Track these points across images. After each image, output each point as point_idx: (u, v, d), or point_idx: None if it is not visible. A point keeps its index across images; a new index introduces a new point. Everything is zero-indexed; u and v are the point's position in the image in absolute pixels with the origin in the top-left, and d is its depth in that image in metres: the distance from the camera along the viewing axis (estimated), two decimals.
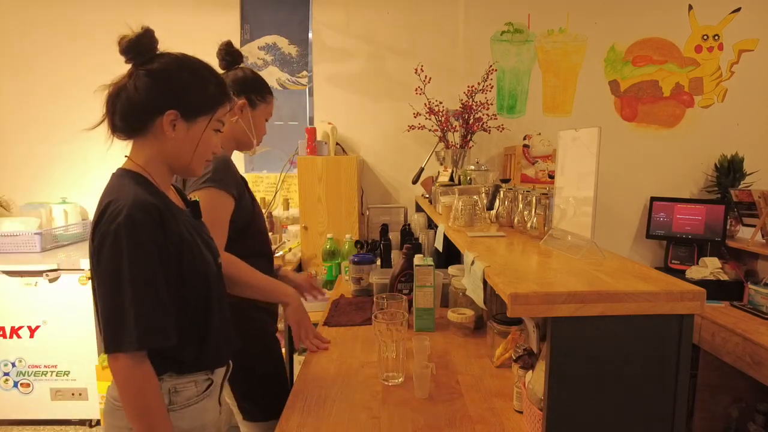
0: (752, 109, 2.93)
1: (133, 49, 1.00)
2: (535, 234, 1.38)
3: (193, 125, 1.03)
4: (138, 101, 0.99)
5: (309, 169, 2.66)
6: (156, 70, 1.00)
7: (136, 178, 1.00)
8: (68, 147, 3.00)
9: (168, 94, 1.00)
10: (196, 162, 1.06)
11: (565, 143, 1.22)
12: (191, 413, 1.04)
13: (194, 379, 1.05)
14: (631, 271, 0.97)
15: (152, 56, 1.01)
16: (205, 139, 1.05)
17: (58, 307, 2.52)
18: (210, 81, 1.05)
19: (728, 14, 2.87)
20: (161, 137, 1.01)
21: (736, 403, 2.20)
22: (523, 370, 1.11)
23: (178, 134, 1.01)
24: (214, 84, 1.05)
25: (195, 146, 1.04)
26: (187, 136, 1.02)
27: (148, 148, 1.02)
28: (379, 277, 1.90)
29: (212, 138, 1.07)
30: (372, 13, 2.92)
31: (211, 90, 1.04)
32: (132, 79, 1.00)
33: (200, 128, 1.03)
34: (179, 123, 1.00)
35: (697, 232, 2.67)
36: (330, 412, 1.14)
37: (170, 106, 0.99)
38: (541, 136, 2.74)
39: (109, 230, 0.91)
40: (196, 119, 1.03)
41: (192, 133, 1.03)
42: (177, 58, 1.03)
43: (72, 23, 2.93)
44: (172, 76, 1.01)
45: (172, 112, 0.99)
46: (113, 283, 0.91)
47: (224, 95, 1.07)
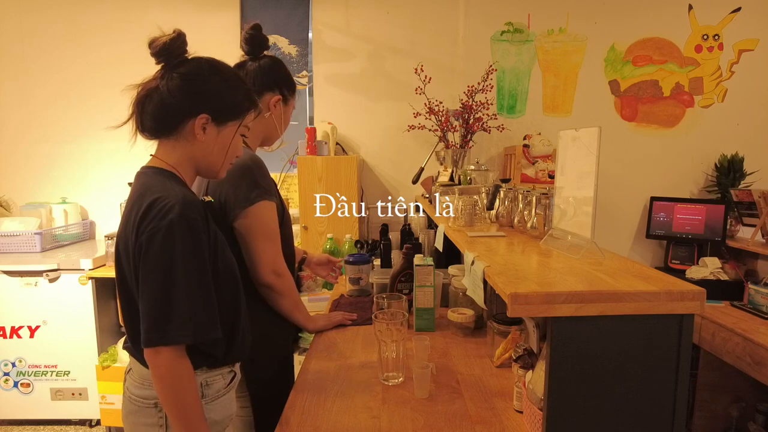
0: (752, 109, 2.92)
1: (167, 51, 1.01)
2: (535, 234, 1.38)
3: (223, 129, 1.05)
4: (170, 103, 1.01)
5: (309, 169, 2.66)
6: (189, 73, 1.02)
7: (173, 177, 1.03)
8: (68, 147, 3.00)
9: (201, 98, 1.02)
10: (222, 165, 1.09)
11: (565, 143, 1.22)
12: (221, 405, 1.08)
13: (221, 373, 1.09)
14: (631, 270, 0.97)
15: (183, 59, 1.03)
16: (234, 144, 1.08)
17: (58, 307, 2.52)
18: (240, 87, 1.07)
19: (728, 14, 2.87)
20: (191, 139, 1.03)
21: (736, 402, 2.20)
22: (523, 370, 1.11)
23: (208, 138, 1.04)
24: (243, 91, 1.08)
25: (224, 150, 1.07)
26: (217, 140, 1.05)
27: (178, 148, 1.05)
28: (379, 277, 1.90)
29: (239, 142, 1.10)
30: (372, 13, 2.92)
31: (240, 96, 1.07)
32: (164, 80, 1.01)
33: (230, 133, 1.06)
34: (210, 127, 1.03)
35: (697, 232, 2.67)
36: (330, 412, 1.14)
37: (203, 110, 1.02)
38: (541, 136, 2.74)
39: (160, 225, 0.92)
40: (226, 124, 1.05)
41: (221, 138, 1.06)
42: (209, 62, 1.05)
43: (72, 24, 2.93)
44: (205, 79, 1.03)
45: (204, 116, 1.02)
46: (164, 276, 0.92)
47: (252, 102, 1.10)
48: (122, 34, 2.91)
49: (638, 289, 0.84)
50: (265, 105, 1.43)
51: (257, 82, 1.43)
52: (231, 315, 1.08)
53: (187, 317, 0.92)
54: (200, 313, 0.94)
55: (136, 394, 1.03)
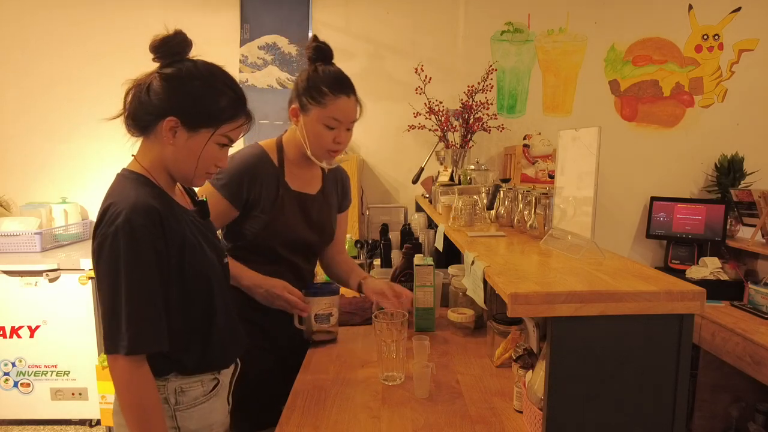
0: (752, 109, 2.92)
1: (160, 49, 0.99)
2: (535, 234, 1.38)
3: (195, 136, 1.00)
4: (146, 102, 0.99)
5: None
6: (170, 75, 0.99)
7: (139, 179, 1.01)
8: (68, 147, 3.00)
9: (174, 100, 0.98)
10: (195, 173, 1.04)
11: (565, 143, 1.22)
12: (198, 413, 1.05)
13: (200, 379, 1.06)
14: (631, 270, 0.97)
15: (178, 60, 1.01)
16: (207, 152, 1.02)
17: (58, 306, 2.51)
18: (223, 94, 1.01)
19: (728, 14, 2.87)
20: (163, 142, 1.00)
21: (736, 402, 2.20)
22: (523, 369, 1.11)
23: (177, 142, 1.00)
24: (229, 98, 1.02)
25: (195, 157, 1.01)
26: (186, 146, 1.00)
27: (151, 150, 1.03)
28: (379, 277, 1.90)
29: (215, 152, 1.03)
30: (372, 13, 2.92)
31: (221, 103, 1.01)
32: (149, 78, 1.00)
33: (202, 140, 1.01)
34: (180, 131, 0.99)
35: (697, 232, 2.67)
36: (330, 412, 1.14)
37: (173, 112, 0.98)
38: (541, 135, 2.74)
39: (108, 233, 0.92)
40: (197, 130, 1.00)
41: (192, 144, 1.00)
42: (196, 65, 1.01)
43: (73, 24, 2.93)
44: (184, 82, 0.99)
45: (172, 118, 0.98)
46: (110, 285, 0.92)
47: (236, 111, 1.03)
48: (123, 35, 2.90)
49: (638, 289, 0.84)
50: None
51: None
52: (204, 321, 1.05)
53: (124, 328, 0.90)
54: (136, 324, 0.91)
55: None
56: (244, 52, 2.90)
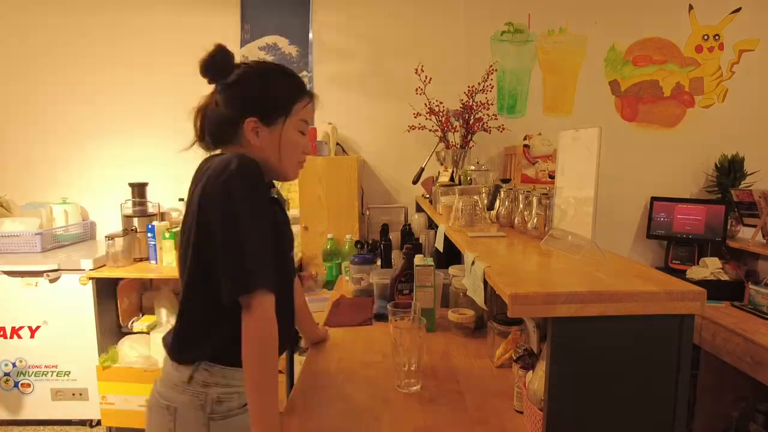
0: (752, 109, 2.92)
1: (210, 68, 1.03)
2: (536, 234, 1.38)
3: (275, 128, 1.05)
4: (222, 115, 1.04)
5: (309, 170, 2.66)
6: (231, 83, 1.04)
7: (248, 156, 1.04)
8: (69, 147, 3.00)
9: (245, 103, 1.03)
10: (286, 165, 1.08)
11: (566, 143, 1.22)
12: (233, 425, 1.01)
13: (238, 390, 1.02)
14: (631, 271, 0.97)
15: (230, 71, 1.05)
16: (289, 140, 1.06)
17: (58, 307, 2.52)
18: (281, 81, 1.07)
19: (728, 14, 2.87)
20: (248, 145, 1.04)
21: (736, 403, 2.20)
22: (523, 370, 1.11)
23: (262, 140, 1.04)
24: (287, 83, 1.08)
25: (282, 147, 1.06)
26: (271, 140, 1.05)
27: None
28: (380, 277, 1.90)
29: (298, 138, 1.09)
30: (372, 13, 2.92)
31: (283, 90, 1.06)
32: (214, 96, 1.06)
33: (280, 128, 1.05)
34: (261, 129, 1.04)
35: (698, 232, 2.67)
36: (330, 412, 1.14)
37: (249, 114, 1.02)
38: (541, 136, 2.74)
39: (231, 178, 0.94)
40: (275, 121, 1.05)
41: (275, 136, 1.05)
42: (249, 66, 1.07)
43: (73, 24, 2.93)
44: (247, 84, 1.04)
45: (251, 119, 1.02)
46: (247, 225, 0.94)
47: (298, 92, 1.08)
48: (123, 35, 2.91)
49: (638, 289, 0.84)
50: None
51: None
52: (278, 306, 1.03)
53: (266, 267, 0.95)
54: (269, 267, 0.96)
55: (160, 394, 1.02)
56: (244, 52, 2.90)
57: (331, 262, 2.60)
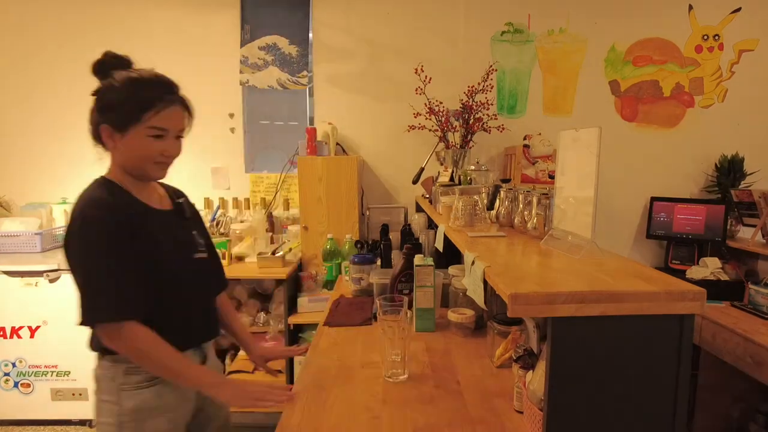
0: (752, 109, 2.92)
1: (96, 73, 1.18)
2: (536, 234, 1.38)
3: (127, 134, 1.12)
4: (90, 119, 1.17)
5: (309, 169, 2.66)
6: (97, 91, 1.17)
7: (106, 183, 1.17)
8: (68, 147, 2.99)
9: (102, 111, 1.14)
10: (143, 166, 1.16)
11: (566, 143, 1.22)
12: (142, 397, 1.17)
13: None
14: (631, 271, 0.97)
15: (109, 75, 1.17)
16: (141, 145, 1.13)
17: (58, 307, 2.51)
18: (141, 91, 1.14)
19: (728, 14, 2.87)
20: (109, 148, 1.16)
21: (736, 403, 2.20)
22: (523, 370, 1.11)
23: (117, 145, 1.14)
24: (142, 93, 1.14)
25: (135, 153, 1.14)
26: (124, 146, 1.13)
27: (111, 158, 1.19)
28: (380, 277, 1.90)
29: (151, 143, 1.14)
30: (372, 13, 2.92)
31: (135, 100, 1.12)
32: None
33: (134, 136, 1.12)
34: (115, 135, 1.13)
35: (698, 232, 2.67)
36: (330, 412, 1.14)
37: (103, 121, 1.13)
38: (541, 136, 2.74)
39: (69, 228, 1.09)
40: (127, 129, 1.12)
41: (128, 142, 1.13)
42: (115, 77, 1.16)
43: (72, 23, 2.93)
44: (106, 93, 1.15)
45: (105, 126, 1.13)
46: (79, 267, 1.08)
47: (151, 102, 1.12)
48: (123, 34, 2.91)
49: (638, 289, 0.84)
50: None
51: None
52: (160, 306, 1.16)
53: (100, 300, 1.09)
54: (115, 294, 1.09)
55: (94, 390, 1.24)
56: (244, 52, 2.90)
57: (331, 262, 2.60)
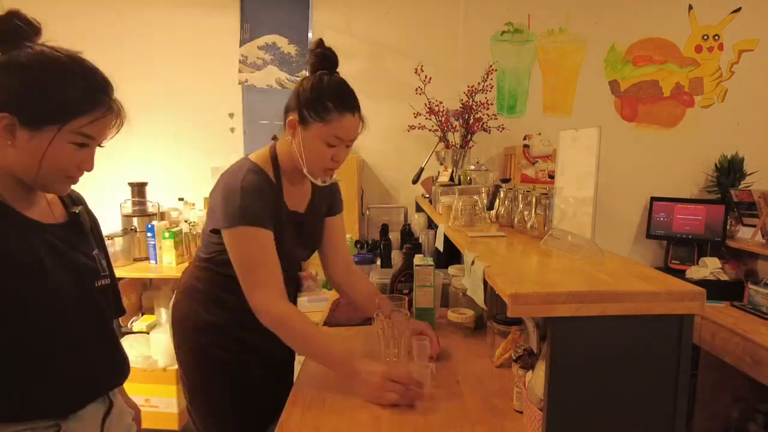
0: (752, 109, 2.92)
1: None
2: (535, 234, 1.38)
3: (38, 134, 0.85)
4: None
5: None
6: (3, 63, 0.84)
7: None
8: None
9: (8, 94, 0.84)
10: (48, 177, 0.89)
11: (565, 143, 1.22)
12: None
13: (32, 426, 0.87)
14: (631, 271, 0.97)
15: (16, 47, 0.85)
16: (58, 153, 0.87)
17: None
18: (72, 84, 0.87)
19: (728, 14, 2.87)
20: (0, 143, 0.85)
21: (736, 403, 2.20)
22: (523, 370, 1.11)
23: (18, 142, 0.84)
24: (78, 88, 0.87)
25: (38, 159, 0.86)
26: (30, 147, 0.85)
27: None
28: (379, 277, 1.90)
29: (71, 152, 0.88)
30: (372, 13, 2.92)
31: (67, 95, 0.86)
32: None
33: (47, 139, 0.85)
34: (19, 130, 0.84)
35: (698, 232, 2.67)
36: (330, 412, 1.14)
37: (6, 108, 0.83)
38: (541, 136, 2.74)
39: None
40: (41, 128, 0.84)
41: (36, 144, 0.85)
42: (37, 53, 0.85)
43: (72, 23, 2.92)
44: (16, 72, 0.84)
45: (5, 115, 0.82)
46: None
47: (90, 103, 0.88)
48: (122, 34, 2.90)
49: (638, 289, 0.84)
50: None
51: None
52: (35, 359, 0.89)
53: None
54: None
55: None
56: (243, 52, 2.90)
57: None
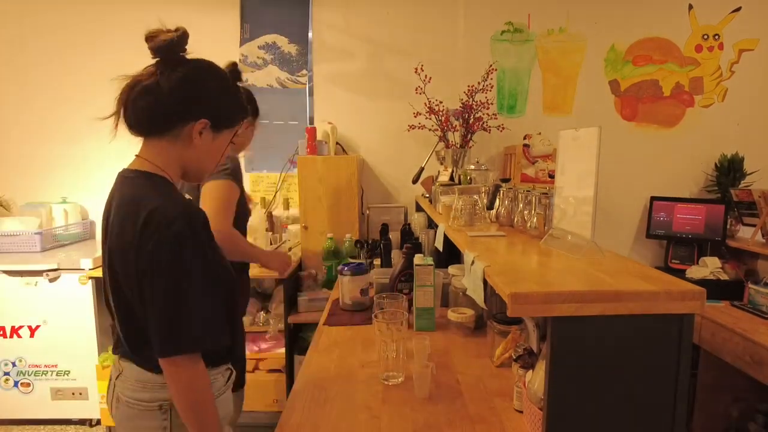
0: (752, 109, 2.92)
1: (169, 49, 0.99)
2: (535, 234, 1.38)
3: (219, 136, 1.05)
4: (168, 103, 0.98)
5: (309, 169, 2.66)
6: (191, 76, 1.00)
7: (164, 181, 1.01)
8: (68, 147, 2.99)
9: (201, 102, 1.01)
10: (211, 170, 1.10)
11: (566, 143, 1.22)
12: (221, 403, 1.06)
13: (220, 371, 1.08)
14: (631, 270, 0.97)
15: (182, 59, 1.02)
16: (225, 151, 1.09)
17: (58, 306, 2.51)
18: (237, 95, 1.08)
19: (728, 14, 2.87)
20: (186, 142, 1.01)
21: (736, 402, 2.20)
22: (523, 369, 1.11)
23: (203, 143, 1.02)
24: (240, 99, 1.09)
25: (216, 157, 1.07)
26: (211, 146, 1.04)
27: (169, 150, 1.02)
28: (379, 277, 1.90)
29: (228, 150, 1.11)
30: (372, 13, 2.92)
31: (237, 104, 1.08)
32: (164, 78, 0.98)
33: (225, 140, 1.07)
34: (206, 132, 1.02)
35: (698, 232, 2.67)
36: (330, 412, 1.14)
37: (203, 115, 1.00)
38: (541, 135, 2.74)
39: (165, 238, 0.91)
40: (221, 131, 1.05)
41: (216, 144, 1.05)
42: (210, 66, 1.04)
43: (72, 24, 2.93)
44: (206, 84, 1.02)
45: (204, 120, 1.00)
46: (177, 288, 0.91)
47: (245, 110, 1.12)
48: (122, 34, 2.90)
49: (638, 288, 0.84)
50: None
51: None
52: (230, 312, 1.10)
53: (201, 326, 0.93)
54: (212, 321, 0.95)
55: (135, 398, 1.00)
56: (243, 51, 2.90)
57: (330, 261, 2.59)
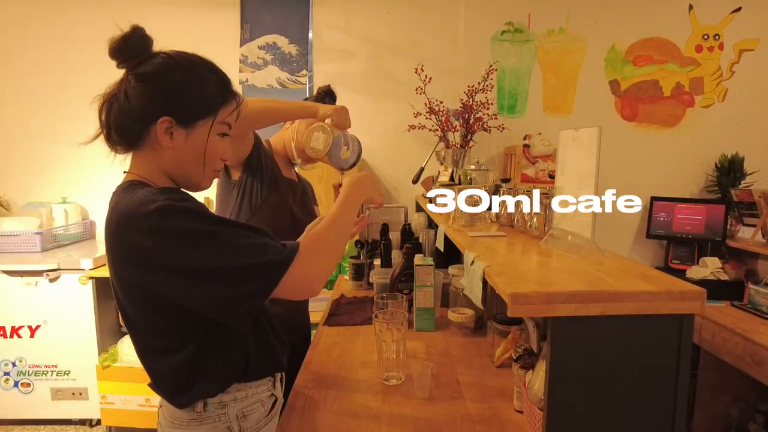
0: (752, 109, 2.92)
1: (121, 52, 0.89)
2: (536, 234, 1.38)
3: (193, 131, 0.90)
4: (129, 109, 0.88)
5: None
6: (146, 74, 0.89)
7: (147, 185, 0.91)
8: (69, 147, 2.98)
9: (160, 99, 0.88)
10: (203, 173, 0.94)
11: (566, 143, 1.22)
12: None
13: (260, 399, 0.98)
14: (631, 270, 0.97)
15: (144, 58, 0.90)
16: (211, 146, 0.93)
17: (58, 306, 2.52)
18: (209, 79, 0.92)
19: (729, 14, 2.87)
20: (158, 148, 0.90)
21: (736, 403, 2.20)
22: (523, 369, 1.11)
23: (176, 143, 0.89)
24: (215, 82, 0.93)
25: (200, 156, 0.92)
26: (188, 145, 0.90)
27: (148, 161, 0.92)
28: (380, 277, 1.90)
29: (218, 143, 0.94)
30: (372, 13, 2.92)
31: (210, 89, 0.92)
32: (123, 85, 0.90)
33: (203, 133, 0.91)
34: (176, 130, 0.89)
35: (698, 232, 2.67)
36: (330, 412, 1.14)
37: (163, 113, 0.87)
38: (541, 135, 2.74)
39: (152, 223, 0.79)
40: (194, 124, 0.90)
41: (193, 141, 0.91)
42: (169, 57, 0.92)
43: (71, 23, 2.93)
44: (163, 78, 0.89)
45: (165, 119, 0.87)
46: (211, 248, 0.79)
47: (227, 93, 0.94)
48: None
49: (638, 289, 0.84)
50: None
51: None
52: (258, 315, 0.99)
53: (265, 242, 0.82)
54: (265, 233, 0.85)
55: (170, 415, 0.94)
56: (244, 51, 2.90)
57: None
